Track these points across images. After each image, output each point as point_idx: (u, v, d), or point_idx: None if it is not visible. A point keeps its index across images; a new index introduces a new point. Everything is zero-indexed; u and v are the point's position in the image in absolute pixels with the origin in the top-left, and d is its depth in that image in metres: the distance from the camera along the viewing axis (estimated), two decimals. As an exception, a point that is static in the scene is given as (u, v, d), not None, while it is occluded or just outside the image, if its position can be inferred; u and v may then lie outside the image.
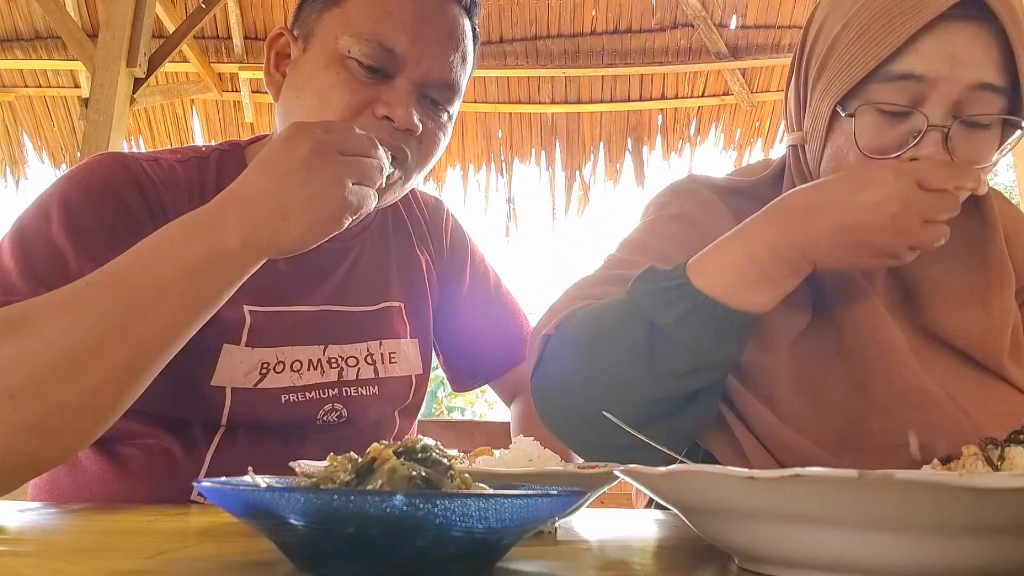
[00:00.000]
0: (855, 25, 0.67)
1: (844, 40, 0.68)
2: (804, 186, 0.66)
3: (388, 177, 0.76)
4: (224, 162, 0.85)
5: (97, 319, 0.57)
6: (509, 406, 1.11)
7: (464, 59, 0.83)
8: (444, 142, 0.84)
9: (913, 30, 0.63)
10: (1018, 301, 0.77)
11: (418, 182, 0.87)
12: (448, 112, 0.83)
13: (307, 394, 0.83)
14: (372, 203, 0.68)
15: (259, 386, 0.80)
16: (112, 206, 0.73)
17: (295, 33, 0.83)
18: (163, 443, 0.77)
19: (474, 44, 0.86)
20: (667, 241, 0.79)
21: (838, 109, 0.68)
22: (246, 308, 0.80)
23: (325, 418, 0.84)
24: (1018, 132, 0.68)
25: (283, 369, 0.81)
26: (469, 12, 0.84)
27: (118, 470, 0.78)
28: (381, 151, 0.68)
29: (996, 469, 0.45)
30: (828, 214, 0.60)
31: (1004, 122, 0.67)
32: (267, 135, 0.91)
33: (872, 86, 0.66)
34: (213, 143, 0.92)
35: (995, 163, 0.69)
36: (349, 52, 0.76)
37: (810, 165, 0.75)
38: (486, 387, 1.11)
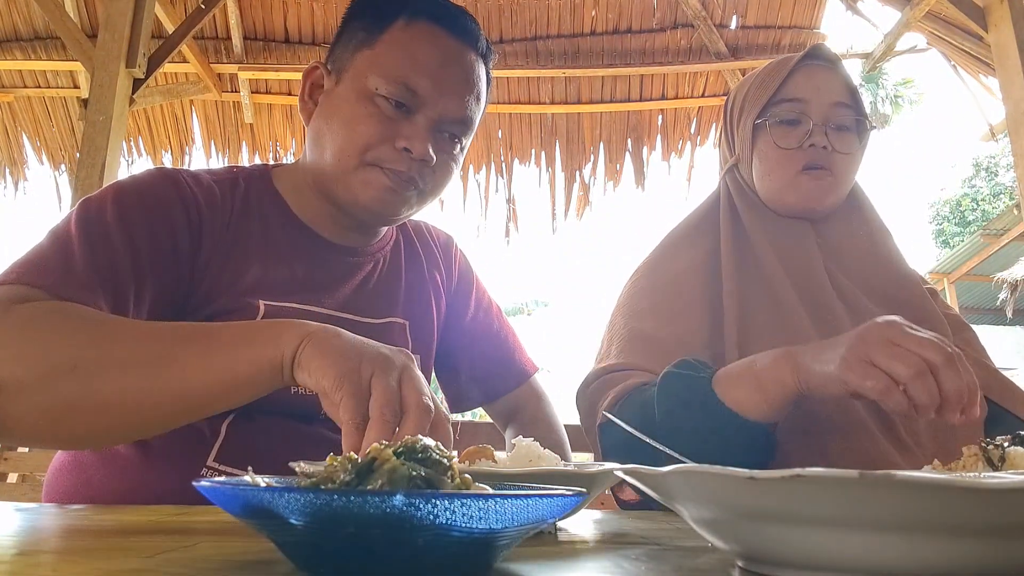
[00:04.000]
0: (755, 83, 1.07)
1: (751, 92, 1.07)
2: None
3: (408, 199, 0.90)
4: (252, 184, 0.94)
5: (157, 357, 0.65)
6: (504, 430, 1.15)
7: (478, 99, 0.93)
8: (455, 170, 0.94)
9: (787, 70, 1.02)
10: None
11: (431, 203, 0.96)
12: (461, 144, 0.93)
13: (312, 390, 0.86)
14: None
15: None
16: (160, 215, 0.83)
17: (328, 67, 0.93)
18: None
19: (487, 85, 0.96)
20: (638, 311, 1.01)
21: (757, 123, 1.03)
22: (261, 303, 0.86)
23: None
24: (868, 134, 1.04)
25: None
26: (485, 58, 0.95)
27: (142, 445, 0.83)
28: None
29: (996, 469, 0.45)
30: (820, 343, 0.77)
31: (858, 126, 1.03)
32: (294, 163, 0.99)
33: (773, 109, 1.02)
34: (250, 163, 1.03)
35: (860, 154, 1.04)
36: (377, 90, 0.86)
37: (744, 176, 1.08)
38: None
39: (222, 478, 0.79)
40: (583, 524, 0.63)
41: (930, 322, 0.97)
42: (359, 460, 0.38)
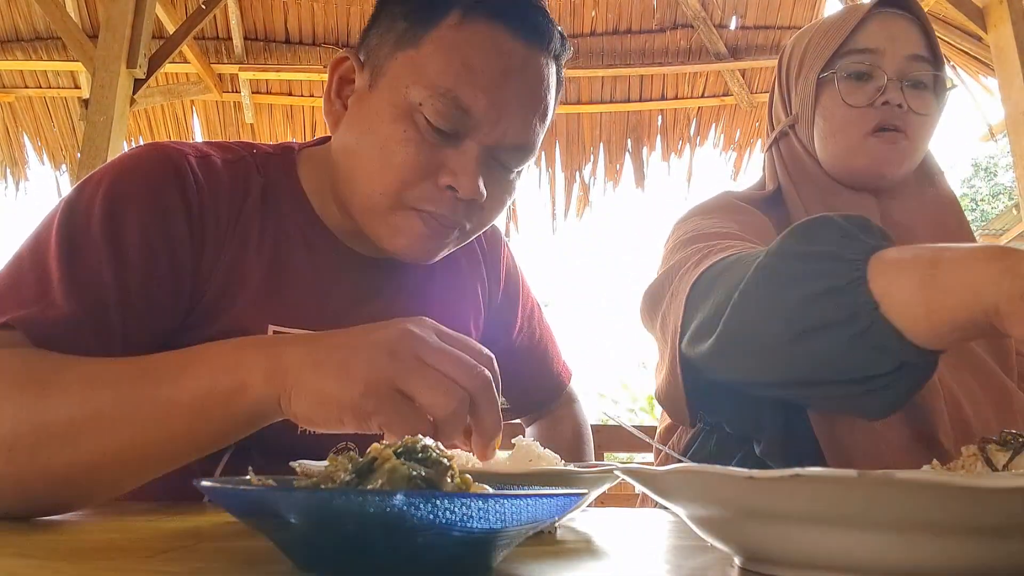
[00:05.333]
0: (818, 33, 0.94)
1: (812, 43, 0.94)
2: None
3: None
4: (271, 168, 0.80)
5: (106, 417, 0.55)
6: (526, 426, 1.11)
7: (544, 117, 0.76)
8: (509, 201, 0.79)
9: (858, 18, 0.89)
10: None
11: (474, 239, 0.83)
12: (517, 171, 0.78)
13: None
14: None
15: None
16: (153, 215, 0.69)
17: (361, 58, 0.77)
18: None
19: (557, 90, 0.79)
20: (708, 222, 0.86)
21: (822, 77, 0.91)
22: (271, 328, 0.74)
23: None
24: (947, 91, 0.91)
25: None
26: (557, 59, 0.78)
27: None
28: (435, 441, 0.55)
29: (996, 469, 0.45)
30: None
31: (936, 83, 0.91)
32: (326, 138, 0.84)
33: (841, 62, 0.90)
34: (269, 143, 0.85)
35: (937, 115, 0.91)
36: (421, 105, 0.70)
37: (801, 140, 0.94)
38: None
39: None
40: (583, 524, 0.63)
41: None
42: (359, 460, 0.38)
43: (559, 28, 0.78)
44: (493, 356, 0.54)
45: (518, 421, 1.14)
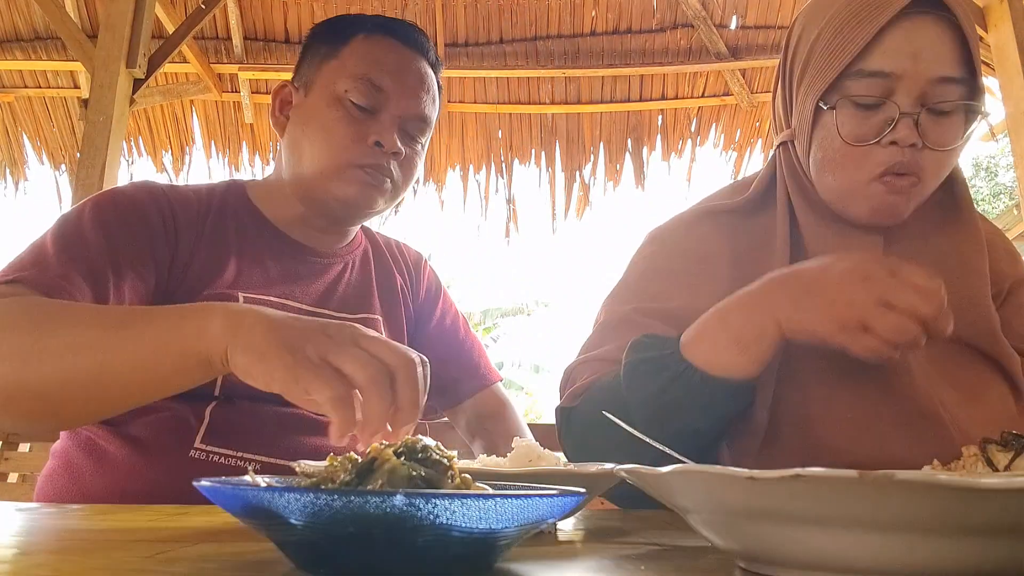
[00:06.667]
0: (829, 29, 0.77)
1: (821, 43, 0.77)
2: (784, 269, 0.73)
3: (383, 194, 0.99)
4: (228, 194, 1.02)
5: (85, 343, 0.66)
6: (472, 442, 1.15)
7: (434, 100, 1.04)
8: (420, 165, 1.05)
9: (876, 28, 0.72)
10: (996, 303, 0.83)
11: (403, 196, 1.04)
12: (421, 142, 1.03)
13: None
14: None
15: None
16: (136, 217, 0.89)
17: (296, 85, 1.04)
18: (166, 404, 0.84)
19: (439, 89, 1.07)
20: (649, 278, 0.88)
21: (820, 104, 0.77)
22: (240, 294, 0.92)
23: None
24: (979, 118, 0.76)
25: None
26: (435, 68, 1.06)
27: (125, 434, 0.85)
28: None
29: (996, 470, 0.45)
30: (795, 280, 0.68)
31: (967, 108, 0.75)
32: (266, 177, 1.08)
33: (847, 83, 0.75)
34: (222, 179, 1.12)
35: (962, 146, 0.77)
36: (346, 92, 0.97)
37: (800, 159, 0.83)
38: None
39: (212, 460, 0.83)
40: (583, 524, 0.63)
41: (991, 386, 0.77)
42: (359, 459, 0.38)
43: (434, 49, 1.07)
44: (426, 359, 0.60)
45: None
